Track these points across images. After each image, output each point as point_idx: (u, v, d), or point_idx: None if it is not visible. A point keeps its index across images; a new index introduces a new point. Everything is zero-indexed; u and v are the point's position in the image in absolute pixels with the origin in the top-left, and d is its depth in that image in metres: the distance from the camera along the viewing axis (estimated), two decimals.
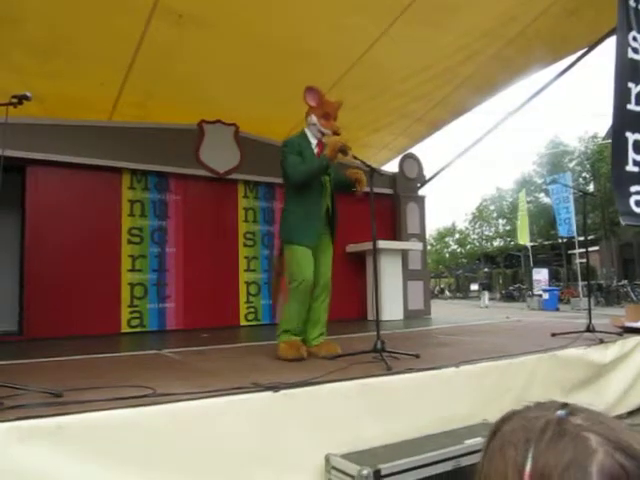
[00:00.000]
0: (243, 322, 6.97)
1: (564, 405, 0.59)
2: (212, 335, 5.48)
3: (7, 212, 5.97)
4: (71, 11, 4.62)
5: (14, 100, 2.36)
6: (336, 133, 3.51)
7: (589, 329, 4.12)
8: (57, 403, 2.01)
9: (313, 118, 3.57)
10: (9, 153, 5.08)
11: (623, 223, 4.91)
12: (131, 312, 6.25)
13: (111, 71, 5.56)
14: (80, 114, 5.97)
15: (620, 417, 3.66)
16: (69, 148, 5.83)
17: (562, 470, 0.52)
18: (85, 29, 4.88)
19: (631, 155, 4.70)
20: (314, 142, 3.59)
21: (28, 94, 2.36)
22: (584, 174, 27.73)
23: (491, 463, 0.59)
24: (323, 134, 3.57)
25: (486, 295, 23.04)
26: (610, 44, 5.77)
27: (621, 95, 4.70)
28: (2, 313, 6.03)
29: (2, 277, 6.16)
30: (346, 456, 2.18)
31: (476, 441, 2.30)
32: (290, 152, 3.46)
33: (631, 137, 4.72)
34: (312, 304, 3.56)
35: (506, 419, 0.62)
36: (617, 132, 4.74)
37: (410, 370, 2.74)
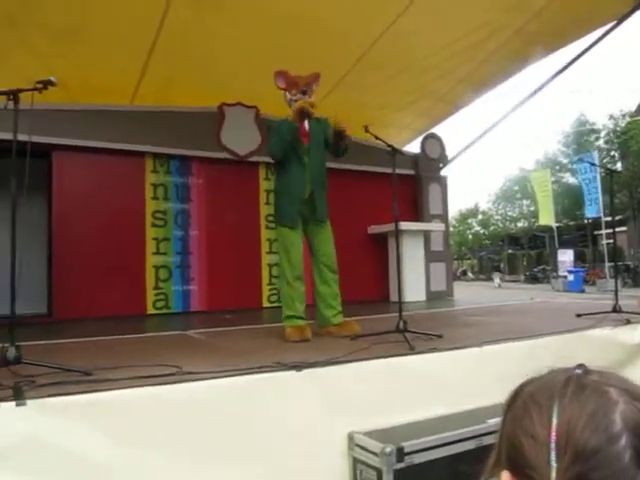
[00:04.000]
0: (266, 304, 7.04)
1: (579, 365, 0.62)
2: (235, 316, 5.55)
3: (34, 197, 6.07)
4: None
5: (39, 85, 2.37)
6: (304, 91, 3.63)
7: (615, 309, 4.05)
8: (88, 381, 2.07)
9: (287, 95, 3.68)
10: (35, 139, 5.14)
11: None
12: (156, 294, 6.36)
13: (132, 56, 5.58)
14: (101, 99, 6.02)
15: None
16: (93, 133, 5.90)
17: (587, 419, 0.55)
18: (104, 13, 4.89)
19: None
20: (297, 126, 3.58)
21: (53, 79, 2.36)
22: (612, 152, 27.04)
23: (515, 422, 0.62)
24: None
25: (497, 276, 25.99)
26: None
27: None
28: (32, 296, 6.15)
29: (31, 261, 6.27)
30: (369, 434, 2.21)
31: (499, 420, 2.30)
32: (272, 134, 3.55)
33: None
34: (319, 288, 3.62)
35: (526, 383, 0.65)
36: None
37: (433, 350, 2.74)
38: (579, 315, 4.14)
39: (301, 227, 3.60)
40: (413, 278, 7.31)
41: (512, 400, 0.64)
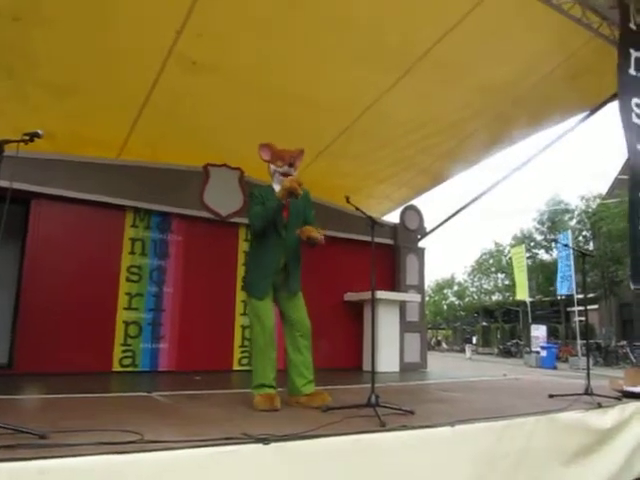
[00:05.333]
0: (236, 366, 6.87)
1: None
2: (204, 379, 5.38)
3: (7, 243, 5.96)
4: (86, 54, 4.79)
5: (25, 137, 2.41)
6: (291, 163, 3.61)
7: (587, 392, 4.05)
8: (41, 445, 1.96)
9: (271, 167, 3.68)
10: (16, 185, 5.16)
11: (632, 287, 4.89)
12: (124, 351, 6.15)
13: (122, 112, 5.69)
14: (88, 151, 6.07)
15: None
16: (75, 183, 5.89)
17: None
18: (100, 72, 5.03)
19: None
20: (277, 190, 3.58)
21: (40, 132, 2.41)
22: (584, 232, 27.86)
23: None
24: (284, 176, 3.62)
25: (469, 348, 28.10)
26: (610, 108, 5.94)
27: (634, 157, 4.82)
28: None
29: None
30: None
31: None
32: (254, 203, 3.56)
33: None
34: (291, 355, 3.56)
35: None
36: (632, 193, 4.82)
37: (404, 427, 2.67)
38: (552, 396, 4.13)
39: (271, 296, 3.57)
40: (387, 348, 7.25)
41: None
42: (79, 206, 6.01)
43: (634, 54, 4.95)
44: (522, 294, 21.75)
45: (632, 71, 4.89)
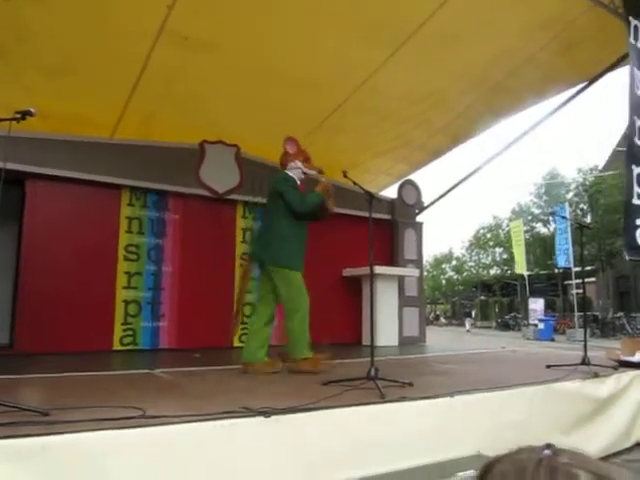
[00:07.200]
0: (237, 343, 6.89)
1: (548, 445, 0.61)
2: (205, 356, 5.42)
3: (4, 224, 5.95)
4: (79, 33, 4.70)
5: (17, 115, 2.37)
6: (321, 171, 4.21)
7: (584, 362, 4.09)
8: (43, 422, 1.97)
9: (297, 163, 4.16)
10: (10, 166, 5.10)
11: (627, 258, 4.91)
12: (124, 330, 6.19)
13: (116, 90, 5.61)
14: (82, 130, 6.00)
15: (620, 454, 3.62)
16: (70, 163, 5.85)
17: None
18: (92, 50, 4.95)
19: (636, 189, 4.74)
20: (297, 182, 4.17)
21: (32, 110, 2.37)
22: (582, 205, 27.84)
23: None
24: (305, 174, 4.20)
25: (468, 321, 29.25)
26: (609, 79, 5.87)
27: (630, 129, 4.78)
28: None
29: None
30: None
31: (468, 474, 2.26)
32: (292, 186, 4.02)
33: (635, 170, 4.76)
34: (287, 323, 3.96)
35: (495, 461, 0.62)
36: (627, 165, 4.80)
37: (403, 399, 2.70)
38: (549, 366, 4.17)
39: None
40: (386, 323, 7.29)
41: (482, 477, 0.62)
42: (75, 186, 5.97)
43: (633, 22, 4.87)
44: (519, 268, 21.83)
45: (632, 40, 4.82)
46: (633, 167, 4.76)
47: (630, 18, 4.84)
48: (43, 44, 4.80)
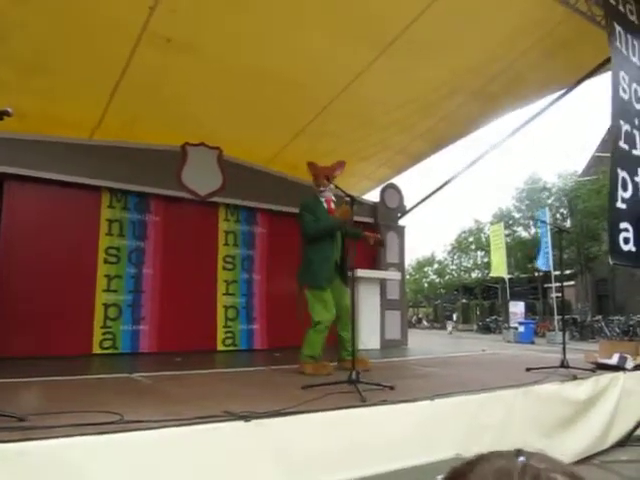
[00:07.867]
0: (220, 347, 6.87)
1: (518, 451, 0.60)
2: (187, 360, 5.38)
3: None
4: (58, 30, 4.63)
5: None
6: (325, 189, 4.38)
7: (563, 364, 4.14)
8: (20, 427, 1.94)
9: (320, 184, 4.37)
10: None
11: (611, 262, 4.97)
12: (104, 333, 6.10)
13: (96, 92, 5.55)
14: (61, 131, 5.92)
15: (598, 455, 3.68)
16: (49, 164, 5.76)
17: None
18: (72, 49, 4.88)
19: (620, 192, 4.81)
20: (323, 200, 4.37)
21: (9, 110, 2.32)
22: (562, 210, 28.23)
23: None
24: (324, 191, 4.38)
25: (450, 324, 30.04)
26: (590, 85, 5.96)
27: (616, 133, 4.85)
28: None
29: None
30: None
31: None
32: (306, 212, 4.25)
33: (620, 174, 4.84)
34: (341, 333, 4.38)
35: (469, 469, 0.61)
36: (612, 169, 4.86)
37: (384, 402, 2.71)
38: (529, 369, 4.21)
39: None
40: (368, 326, 7.31)
41: None
42: (54, 187, 5.88)
43: (617, 28, 4.96)
44: (500, 271, 22.01)
45: (618, 44, 4.90)
46: (618, 171, 4.83)
47: (614, 24, 4.93)
48: (18, 41, 4.70)
